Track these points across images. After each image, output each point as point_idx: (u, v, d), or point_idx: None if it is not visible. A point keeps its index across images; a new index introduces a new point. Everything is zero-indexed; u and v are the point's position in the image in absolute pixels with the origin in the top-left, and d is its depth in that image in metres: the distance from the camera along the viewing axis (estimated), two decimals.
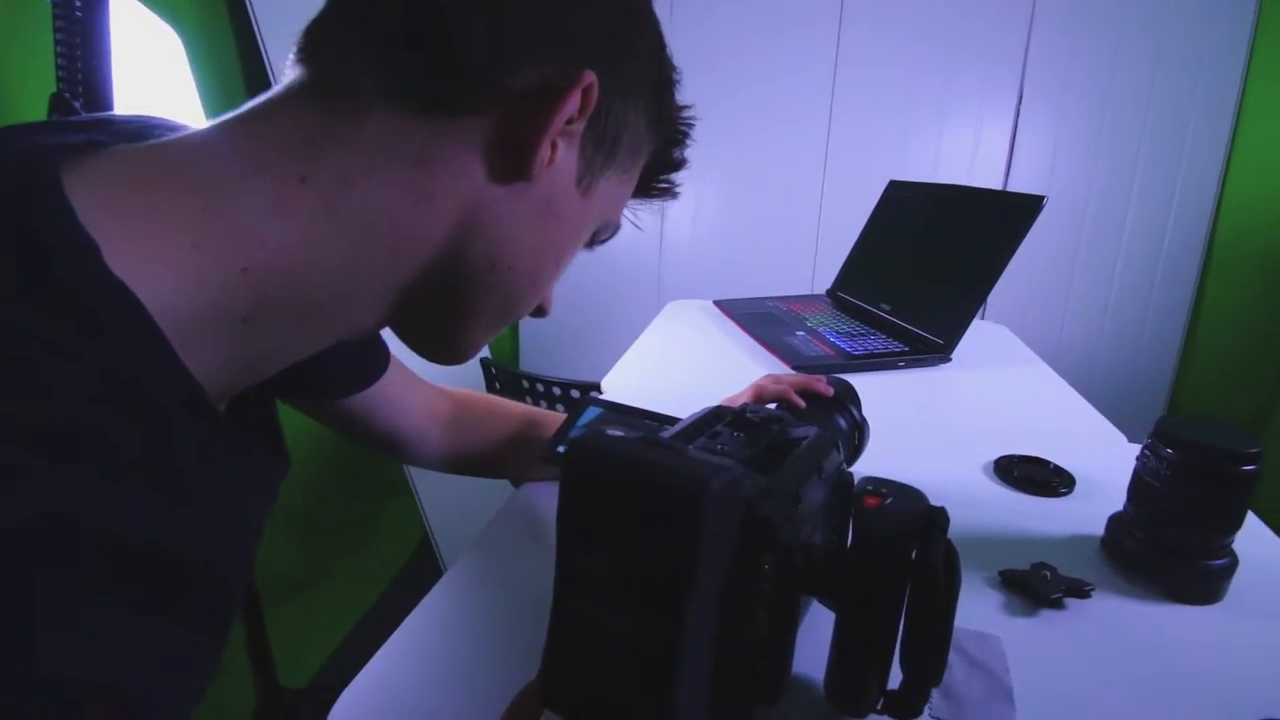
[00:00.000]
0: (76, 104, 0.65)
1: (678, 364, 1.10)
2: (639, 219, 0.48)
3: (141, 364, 0.24)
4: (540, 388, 1.38)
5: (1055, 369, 1.06)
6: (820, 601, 0.43)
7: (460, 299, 0.36)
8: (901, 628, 0.37)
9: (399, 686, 0.43)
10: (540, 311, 0.43)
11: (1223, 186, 1.91)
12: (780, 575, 0.36)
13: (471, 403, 0.68)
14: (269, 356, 0.33)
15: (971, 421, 0.88)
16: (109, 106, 0.69)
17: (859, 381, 0.66)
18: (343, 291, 0.32)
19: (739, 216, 2.17)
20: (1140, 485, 0.54)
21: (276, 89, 0.32)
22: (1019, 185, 1.98)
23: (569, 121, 0.32)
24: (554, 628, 0.35)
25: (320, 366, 0.52)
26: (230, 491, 0.30)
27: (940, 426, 0.85)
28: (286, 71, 0.32)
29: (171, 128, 0.33)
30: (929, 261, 1.19)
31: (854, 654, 0.37)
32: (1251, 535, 0.58)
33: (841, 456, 0.49)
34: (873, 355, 1.05)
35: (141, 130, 0.31)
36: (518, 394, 1.40)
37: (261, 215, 0.28)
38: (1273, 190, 1.81)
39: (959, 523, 0.61)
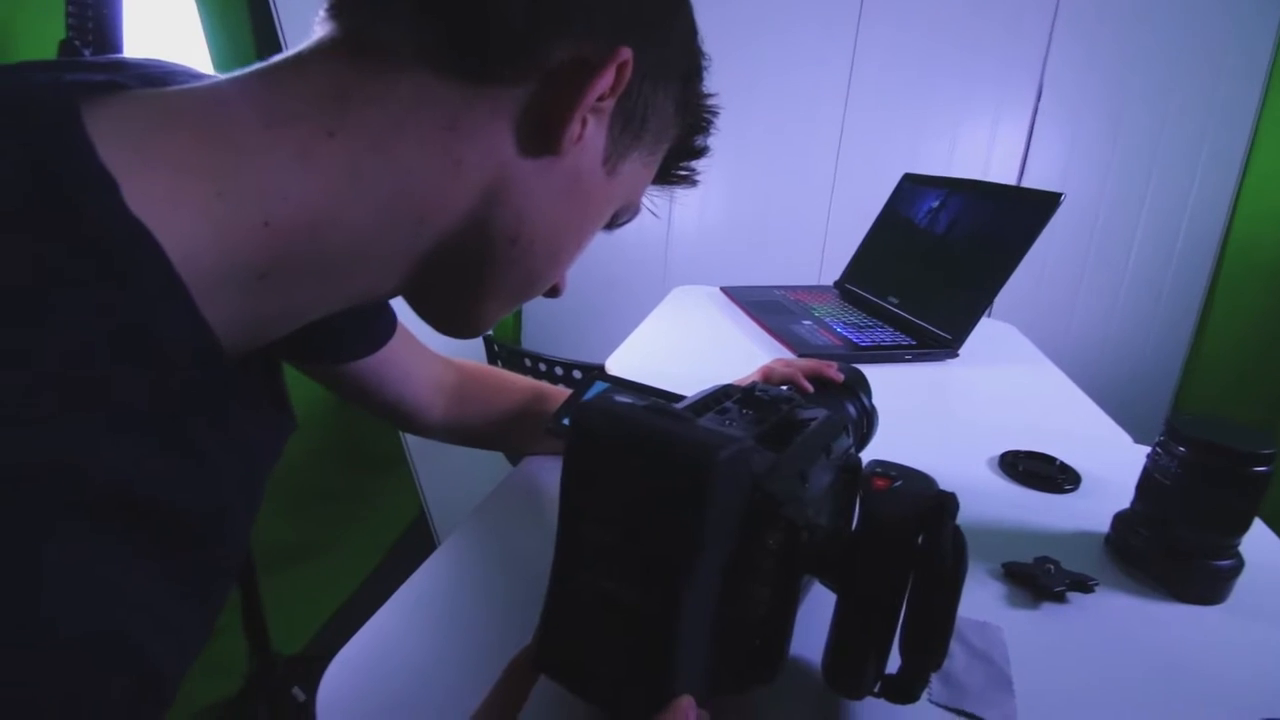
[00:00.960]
0: (86, 52, 0.63)
1: (683, 347, 1.09)
2: (655, 205, 0.47)
3: (157, 311, 0.24)
4: (543, 367, 1.38)
5: (1061, 369, 1.05)
6: (822, 583, 0.42)
7: (480, 271, 0.35)
8: (903, 613, 0.36)
9: (390, 655, 0.43)
10: (554, 291, 0.42)
11: (1238, 194, 1.89)
12: (784, 553, 0.36)
13: (477, 374, 0.68)
14: (283, 316, 0.32)
15: (978, 416, 0.87)
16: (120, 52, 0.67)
17: (867, 373, 0.65)
18: (364, 254, 0.31)
19: (748, 206, 2.16)
20: (1149, 482, 0.54)
21: (307, 43, 0.31)
22: (1033, 184, 1.96)
23: (601, 98, 0.32)
24: (552, 593, 0.34)
25: (326, 329, 0.51)
26: (240, 449, 0.30)
27: (946, 420, 0.85)
28: (316, 27, 0.31)
29: (194, 75, 0.32)
30: (940, 256, 1.18)
31: (853, 636, 0.37)
32: (1257, 538, 0.58)
33: (850, 440, 0.49)
34: (880, 347, 1.04)
35: (163, 75, 0.30)
36: (519, 372, 1.39)
37: (287, 168, 0.28)
38: None
39: (964, 514, 0.60)
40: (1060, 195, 0.99)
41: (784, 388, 0.63)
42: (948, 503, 0.36)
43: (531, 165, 0.32)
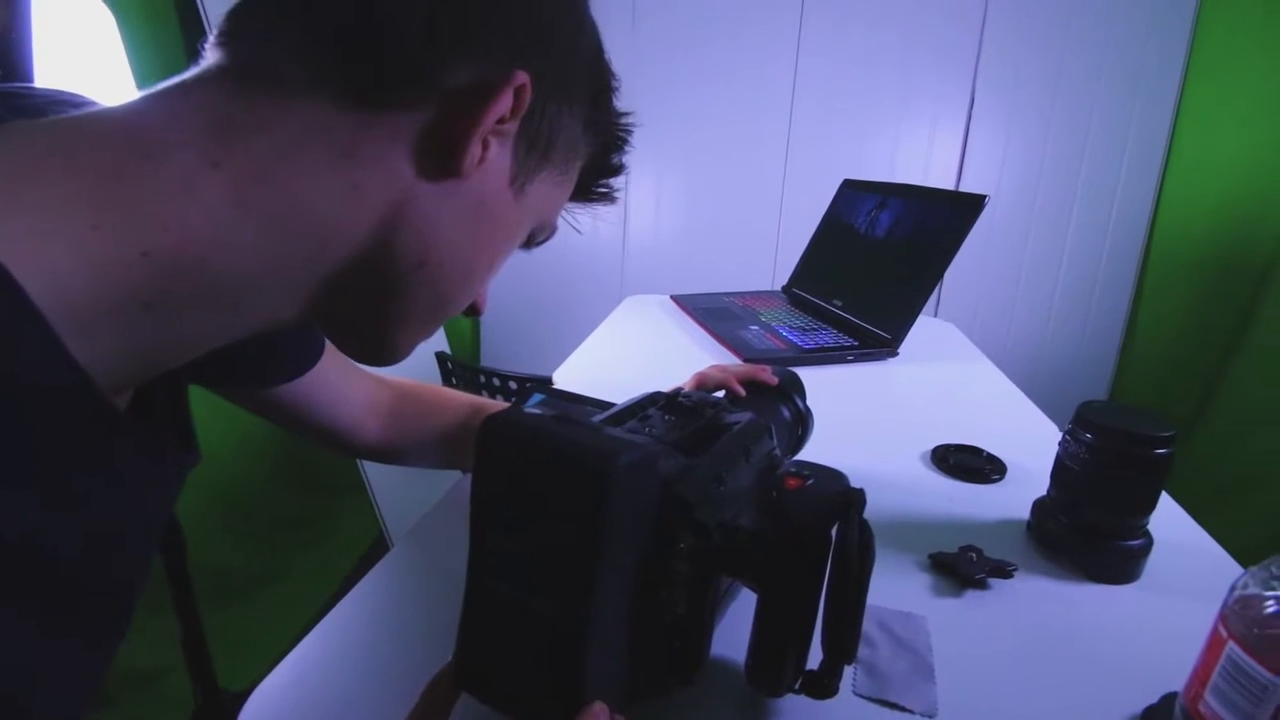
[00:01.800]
0: None
1: (630, 357, 1.10)
2: (577, 222, 0.48)
3: (16, 352, 0.23)
4: (497, 382, 1.37)
5: (1004, 365, 1.09)
6: (744, 583, 0.43)
7: (389, 296, 0.35)
8: (822, 608, 0.37)
9: (314, 681, 0.42)
10: (474, 310, 0.42)
11: (1161, 185, 1.98)
12: (698, 555, 0.36)
13: (414, 392, 0.67)
14: (176, 345, 0.32)
15: (914, 413, 0.89)
16: (28, 77, 0.65)
17: (810, 375, 0.67)
18: (257, 281, 0.31)
19: (701, 214, 2.19)
20: (1061, 469, 0.56)
21: (193, 70, 0.31)
22: (970, 186, 2.03)
23: (501, 121, 0.32)
24: (467, 607, 0.34)
25: (247, 354, 0.50)
26: (126, 487, 0.29)
27: (883, 418, 0.87)
28: (206, 54, 0.31)
29: (79, 103, 0.31)
30: (879, 259, 1.22)
31: (771, 634, 0.38)
32: (1167, 517, 0.61)
33: (774, 442, 0.50)
34: (823, 349, 1.06)
35: (45, 106, 0.30)
36: (474, 389, 1.38)
37: (166, 198, 0.27)
38: (1209, 188, 1.87)
39: (895, 508, 0.62)
40: (985, 197, 1.03)
41: (717, 394, 0.64)
42: (854, 498, 0.37)
43: (434, 189, 0.33)
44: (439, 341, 2.03)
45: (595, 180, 0.44)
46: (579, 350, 1.07)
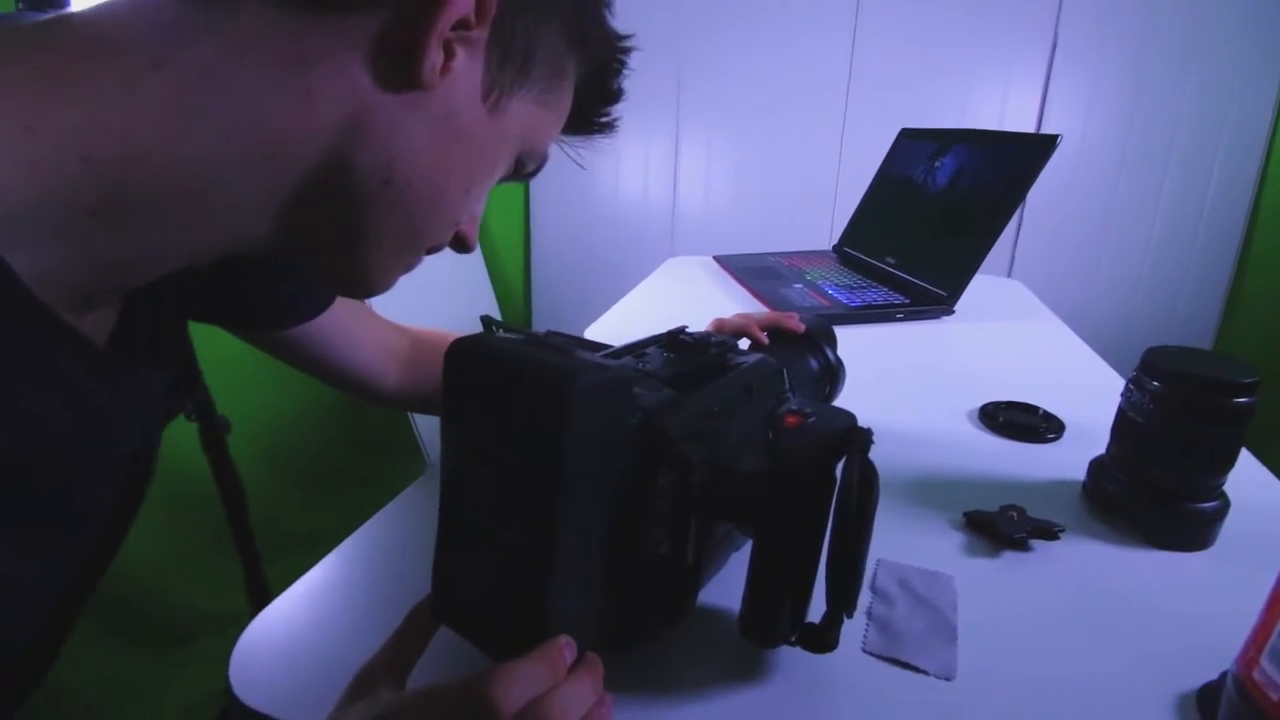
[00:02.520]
0: None
1: (664, 316, 1.06)
2: (581, 157, 0.45)
3: None
4: None
5: (1084, 331, 0.98)
6: (739, 529, 0.40)
7: (355, 217, 0.34)
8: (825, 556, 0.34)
9: (313, 614, 0.43)
10: (461, 243, 0.40)
11: (1271, 142, 1.77)
12: (681, 493, 0.34)
13: (432, 340, 0.67)
14: (135, 259, 0.31)
15: (965, 371, 0.83)
16: None
17: (855, 332, 0.62)
18: (208, 192, 0.30)
19: (753, 175, 2.10)
20: (1123, 422, 0.50)
21: None
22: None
23: (465, 27, 0.30)
24: (440, 536, 0.33)
25: (259, 294, 0.51)
26: (80, 406, 0.29)
27: (930, 376, 0.81)
28: None
29: (15, 15, 0.31)
30: (937, 212, 1.13)
31: (762, 579, 0.35)
32: (1249, 477, 0.54)
33: (787, 386, 0.46)
34: (871, 307, 1.00)
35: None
36: None
37: (106, 101, 0.26)
38: None
39: (930, 466, 0.57)
40: (1057, 136, 0.93)
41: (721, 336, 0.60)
42: (856, 436, 0.33)
43: (396, 100, 0.31)
44: (488, 305, 2.06)
45: (593, 108, 0.42)
46: (613, 309, 1.05)
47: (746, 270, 1.21)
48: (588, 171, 2.24)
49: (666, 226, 2.20)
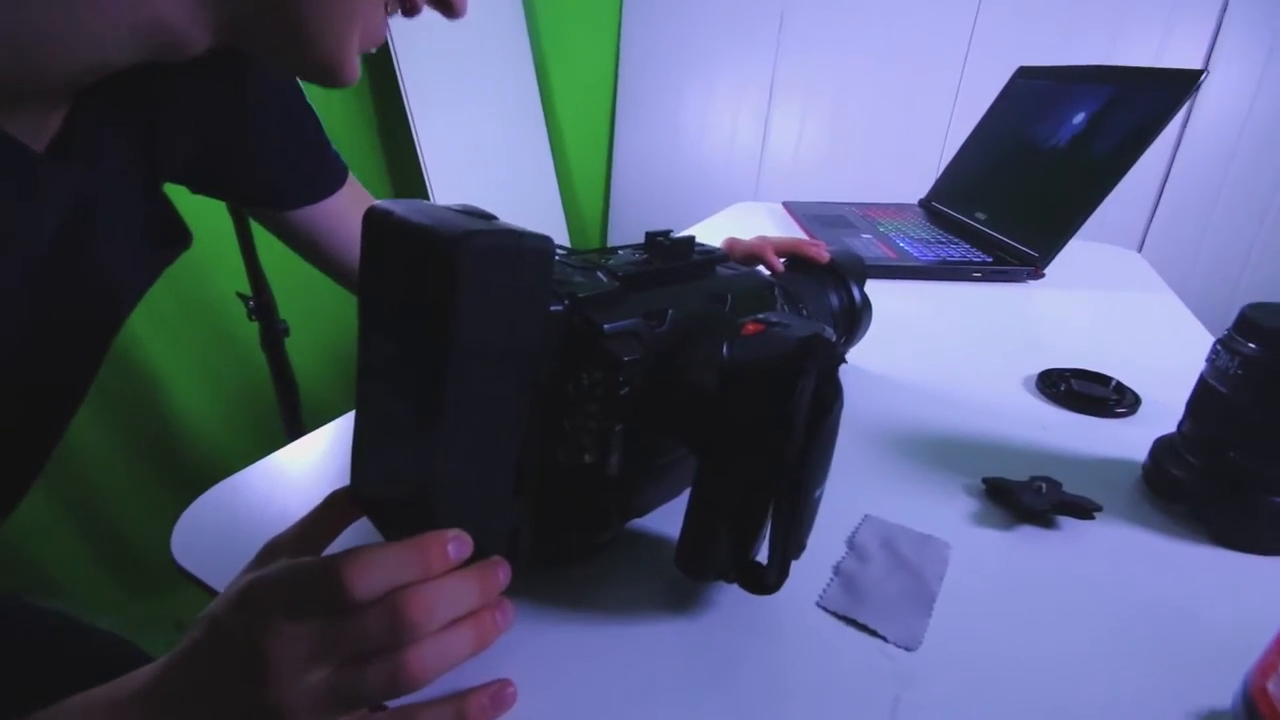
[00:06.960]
0: None
1: None
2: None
3: None
4: None
5: (1213, 324, 0.82)
6: (690, 448, 0.36)
7: None
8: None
9: (251, 495, 0.42)
10: (449, 8, 0.37)
11: None
12: (610, 396, 0.30)
13: None
14: (28, 38, 0.28)
15: (1038, 338, 0.73)
16: None
17: (922, 289, 0.55)
18: None
19: (853, 122, 1.94)
20: (1204, 393, 0.41)
21: None
22: (1215, 101, 1.60)
23: None
24: (356, 413, 0.31)
25: (265, 171, 0.51)
26: None
27: (996, 339, 0.71)
28: None
29: None
30: (1043, 163, 0.99)
31: (697, 504, 0.31)
32: None
33: (779, 305, 0.41)
34: (945, 263, 0.90)
35: None
36: None
37: None
38: None
39: (963, 427, 0.50)
40: (1201, 72, 0.78)
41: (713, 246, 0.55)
42: (815, 346, 0.28)
43: None
44: (560, 236, 2.06)
45: None
46: None
47: (814, 218, 1.12)
48: (674, 108, 2.16)
49: (752, 173, 2.10)
